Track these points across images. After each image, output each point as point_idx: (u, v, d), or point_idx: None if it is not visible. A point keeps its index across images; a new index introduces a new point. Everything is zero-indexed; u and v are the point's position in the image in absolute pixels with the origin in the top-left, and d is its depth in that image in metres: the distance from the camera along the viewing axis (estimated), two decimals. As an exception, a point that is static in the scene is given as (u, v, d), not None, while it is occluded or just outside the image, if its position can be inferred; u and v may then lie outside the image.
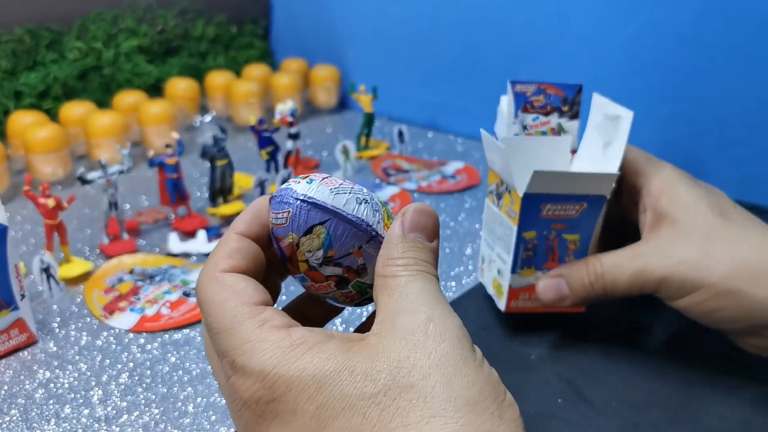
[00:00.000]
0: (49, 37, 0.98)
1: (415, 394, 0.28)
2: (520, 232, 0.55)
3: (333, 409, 0.28)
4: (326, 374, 0.28)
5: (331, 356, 0.29)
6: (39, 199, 0.64)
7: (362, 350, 0.29)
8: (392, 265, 0.32)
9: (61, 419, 0.48)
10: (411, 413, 0.27)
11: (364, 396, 0.28)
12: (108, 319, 0.59)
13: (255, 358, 0.29)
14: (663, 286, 0.48)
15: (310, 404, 0.28)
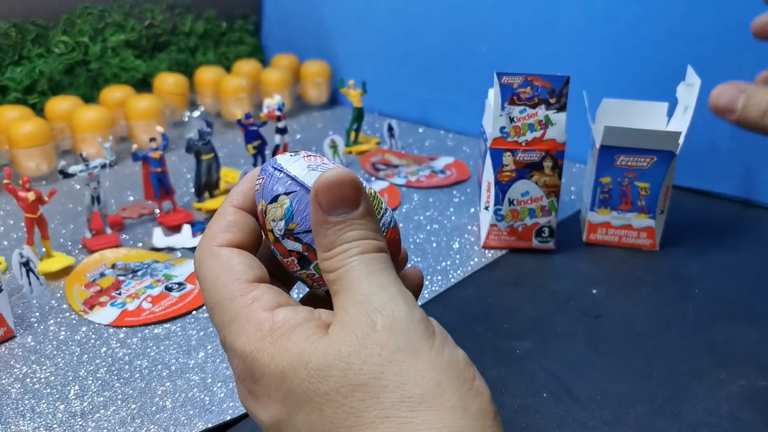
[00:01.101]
0: (35, 32, 0.97)
1: (368, 394, 0.27)
2: (597, 177, 0.67)
3: (295, 401, 0.28)
4: (287, 367, 0.28)
5: (294, 347, 0.28)
6: (19, 193, 0.63)
7: (321, 341, 0.28)
8: (328, 259, 0.30)
9: (36, 414, 0.47)
10: (365, 413, 0.27)
11: (319, 393, 0.27)
12: (88, 314, 0.58)
13: (239, 339, 0.30)
14: None
15: (278, 393, 0.29)
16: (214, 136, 0.78)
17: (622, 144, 0.65)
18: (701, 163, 0.80)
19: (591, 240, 0.70)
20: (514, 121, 0.65)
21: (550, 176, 0.66)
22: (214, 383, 0.50)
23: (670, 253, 0.69)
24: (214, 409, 0.47)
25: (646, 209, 0.67)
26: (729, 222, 0.76)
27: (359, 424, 0.27)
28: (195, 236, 0.70)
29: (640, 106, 0.72)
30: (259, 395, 0.29)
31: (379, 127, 1.04)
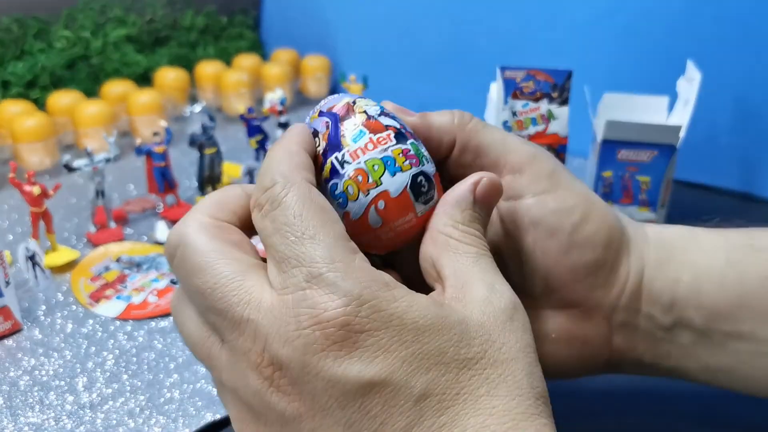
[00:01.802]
0: (37, 27, 0.97)
1: (504, 371, 0.28)
2: (599, 171, 0.68)
3: (427, 360, 0.27)
4: (427, 325, 0.27)
5: (429, 308, 0.28)
6: (24, 187, 0.63)
7: (454, 313, 0.28)
8: (459, 230, 0.31)
9: (45, 406, 0.47)
10: (500, 386, 0.28)
11: (458, 357, 0.28)
12: (94, 307, 0.58)
13: (351, 279, 0.27)
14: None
15: (404, 349, 0.27)
16: (216, 131, 0.79)
17: (624, 138, 0.66)
18: (702, 157, 0.81)
19: None
20: (516, 115, 0.65)
21: (552, 170, 0.66)
22: (222, 375, 0.51)
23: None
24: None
25: (648, 203, 0.68)
26: (729, 215, 0.76)
27: (493, 394, 0.28)
28: (199, 230, 0.70)
29: (642, 101, 0.72)
30: (365, 347, 0.27)
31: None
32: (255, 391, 0.28)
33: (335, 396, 0.27)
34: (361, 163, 0.30)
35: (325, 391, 0.27)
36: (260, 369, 0.28)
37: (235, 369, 0.29)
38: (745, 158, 0.79)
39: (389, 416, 0.27)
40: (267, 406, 0.28)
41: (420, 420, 0.27)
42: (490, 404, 0.27)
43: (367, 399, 0.27)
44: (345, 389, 0.27)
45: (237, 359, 0.28)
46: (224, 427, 0.46)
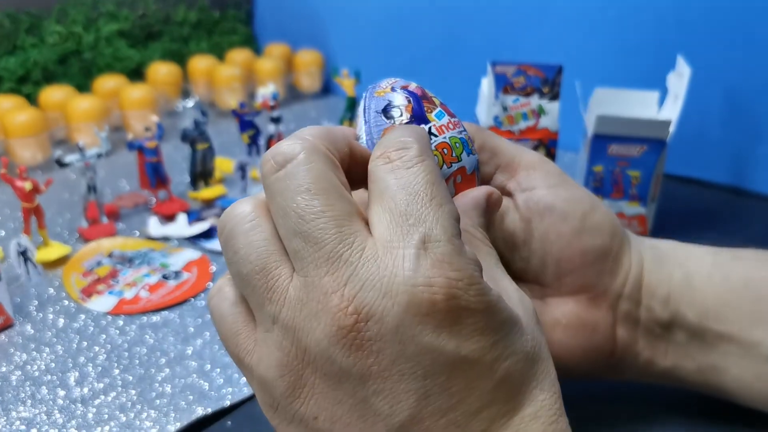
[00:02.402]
0: (29, 22, 0.97)
1: (546, 367, 0.30)
2: (590, 166, 0.68)
3: (506, 349, 0.28)
4: (506, 316, 0.28)
5: (511, 297, 0.30)
6: (16, 182, 0.63)
7: (513, 310, 0.29)
8: (480, 231, 0.33)
9: (36, 401, 0.47)
10: (545, 381, 0.30)
11: (524, 350, 0.29)
12: (86, 302, 0.59)
13: (464, 258, 0.27)
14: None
15: (494, 335, 0.28)
16: (209, 126, 0.79)
17: (614, 133, 0.66)
18: (692, 152, 0.81)
19: None
20: (507, 110, 0.65)
21: (543, 165, 0.67)
22: (213, 369, 0.51)
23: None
24: (213, 395, 0.48)
25: (638, 197, 0.68)
26: (719, 209, 0.77)
27: (541, 388, 0.30)
28: (191, 225, 0.71)
29: (632, 95, 0.72)
30: (466, 324, 0.27)
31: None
32: (319, 339, 0.27)
33: (423, 364, 0.27)
34: (446, 138, 0.33)
35: (414, 356, 0.26)
36: (339, 315, 0.26)
37: (305, 308, 0.27)
38: (736, 152, 0.79)
39: (467, 396, 0.27)
40: (327, 357, 0.27)
41: (490, 404, 0.28)
42: (540, 397, 0.29)
43: (453, 375, 0.27)
44: (437, 360, 0.27)
45: (311, 297, 0.27)
46: (215, 422, 0.46)
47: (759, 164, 0.78)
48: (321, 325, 0.26)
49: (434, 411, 0.27)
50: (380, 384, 0.27)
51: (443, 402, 0.27)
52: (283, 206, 0.28)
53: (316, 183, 0.28)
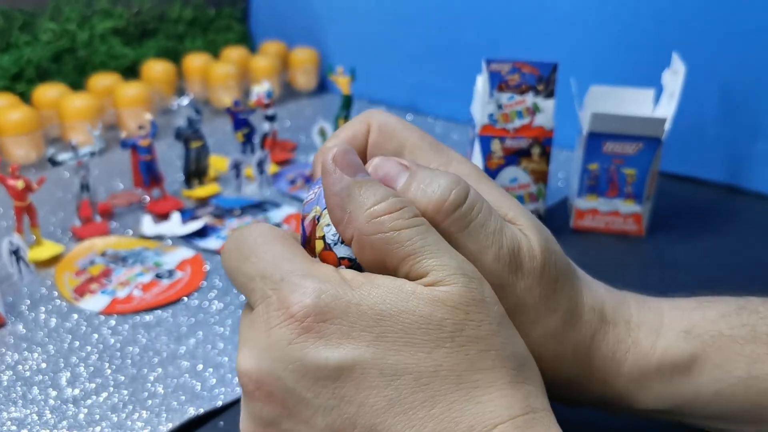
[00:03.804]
0: (22, 19, 0.97)
1: (484, 346, 0.29)
2: (585, 164, 0.68)
3: (393, 342, 0.28)
4: (387, 310, 0.29)
5: (389, 295, 0.29)
6: (8, 181, 0.63)
7: (418, 296, 0.29)
8: (378, 216, 0.30)
9: (28, 401, 0.47)
10: (481, 361, 0.29)
11: (428, 338, 0.29)
12: (78, 302, 0.58)
13: (309, 278, 0.29)
14: None
15: (367, 333, 0.29)
16: (203, 124, 0.78)
17: (610, 130, 0.66)
18: (687, 150, 0.81)
19: (578, 226, 0.71)
20: (502, 108, 0.65)
21: (538, 163, 0.66)
22: (205, 369, 0.51)
23: (656, 238, 0.69)
24: (206, 395, 0.48)
25: (633, 195, 0.68)
26: (715, 207, 0.77)
27: (475, 369, 0.29)
28: (184, 224, 0.70)
29: (628, 93, 0.72)
30: (331, 335, 0.29)
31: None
32: (243, 404, 0.32)
33: (307, 386, 0.29)
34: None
35: (297, 382, 0.29)
36: (242, 384, 0.31)
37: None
38: (731, 150, 0.79)
39: (366, 398, 0.28)
40: (253, 415, 0.31)
41: (399, 398, 0.28)
42: (472, 378, 0.29)
43: (339, 384, 0.28)
44: (316, 377, 0.29)
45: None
46: (207, 422, 0.46)
47: (755, 162, 0.78)
48: (243, 400, 0.33)
49: (344, 423, 0.29)
50: (290, 421, 0.30)
51: (347, 410, 0.29)
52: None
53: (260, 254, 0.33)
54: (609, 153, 0.67)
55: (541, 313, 0.34)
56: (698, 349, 0.37)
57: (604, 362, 0.37)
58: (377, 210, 0.30)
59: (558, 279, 0.35)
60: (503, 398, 0.29)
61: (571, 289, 0.36)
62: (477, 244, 0.32)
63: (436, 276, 0.29)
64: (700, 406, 0.37)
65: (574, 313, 0.36)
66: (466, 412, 0.28)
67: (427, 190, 0.32)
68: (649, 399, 0.37)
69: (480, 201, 0.32)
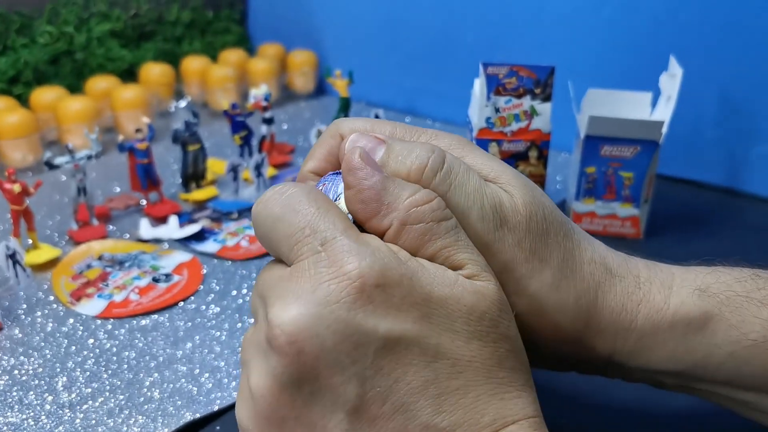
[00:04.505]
0: (20, 22, 0.97)
1: (511, 346, 0.31)
2: (582, 167, 0.67)
3: (437, 325, 0.29)
4: (436, 290, 0.29)
5: (436, 276, 0.30)
6: (4, 185, 0.62)
7: (467, 287, 0.30)
8: (422, 204, 0.31)
9: (24, 406, 0.47)
10: (508, 360, 0.30)
11: (468, 328, 0.29)
12: (75, 306, 0.58)
13: (363, 243, 0.29)
14: None
15: (415, 310, 0.29)
16: (201, 127, 0.78)
17: (607, 134, 0.66)
18: (685, 153, 0.81)
19: None
20: (499, 111, 0.65)
21: (536, 166, 0.66)
22: (202, 374, 0.50)
23: (654, 241, 0.69)
24: (202, 400, 0.48)
25: (631, 198, 0.68)
26: (713, 210, 0.77)
27: (502, 366, 0.30)
28: (182, 227, 0.70)
29: (625, 96, 0.72)
30: (381, 302, 0.28)
31: (365, 116, 1.04)
32: (261, 360, 0.30)
33: (347, 350, 0.28)
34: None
35: (337, 344, 0.28)
36: (273, 337, 0.28)
37: (250, 345, 0.31)
38: (729, 153, 0.79)
39: (403, 374, 0.28)
40: (273, 372, 0.29)
41: (436, 381, 0.29)
42: (499, 375, 0.30)
43: (381, 354, 0.28)
44: (358, 342, 0.28)
45: (253, 332, 0.31)
46: (203, 427, 0.46)
47: (752, 165, 0.78)
48: (263, 354, 0.30)
49: (375, 396, 0.28)
50: (324, 381, 0.28)
51: (382, 382, 0.28)
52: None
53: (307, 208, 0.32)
54: (606, 156, 0.67)
55: (535, 266, 0.34)
56: (713, 308, 0.36)
57: (612, 315, 0.36)
58: (416, 199, 0.31)
59: (549, 231, 0.35)
60: (520, 399, 0.30)
61: (565, 240, 0.36)
62: (459, 206, 0.32)
63: (472, 269, 0.31)
64: (713, 368, 0.36)
65: (572, 264, 0.35)
66: (490, 405, 0.29)
67: (406, 160, 0.33)
68: (662, 357, 0.36)
69: (457, 164, 0.33)
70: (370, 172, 0.31)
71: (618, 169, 0.67)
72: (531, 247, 0.34)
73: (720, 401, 0.39)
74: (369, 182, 0.31)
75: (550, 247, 0.35)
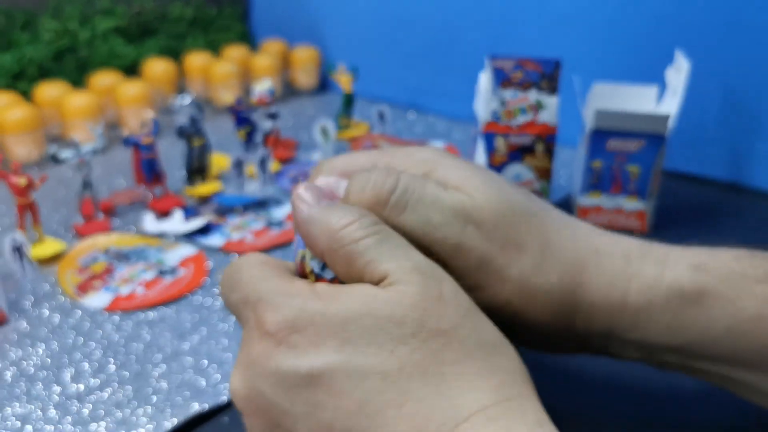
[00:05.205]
0: (24, 18, 0.97)
1: (447, 339, 0.30)
2: (588, 161, 0.67)
3: (358, 345, 0.30)
4: (351, 314, 0.30)
5: (351, 299, 0.31)
6: (10, 178, 0.63)
7: (385, 295, 0.30)
8: (343, 228, 0.33)
9: (32, 397, 0.47)
10: (445, 353, 0.30)
11: (391, 336, 0.30)
12: (82, 299, 0.58)
13: (282, 295, 0.31)
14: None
15: (333, 339, 0.30)
16: (205, 122, 0.78)
17: (613, 127, 0.66)
18: (691, 147, 0.81)
19: None
20: (505, 104, 0.65)
21: (542, 160, 0.66)
22: (209, 365, 0.50)
23: (659, 236, 0.69)
24: (210, 391, 0.48)
25: (637, 192, 0.68)
26: (718, 205, 0.77)
27: (440, 362, 0.29)
28: (187, 221, 0.70)
29: (631, 90, 0.72)
30: (299, 345, 0.30)
31: (369, 112, 1.04)
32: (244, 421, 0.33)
33: (284, 395, 0.30)
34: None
35: (275, 394, 0.30)
36: (234, 403, 0.33)
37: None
38: (735, 148, 0.79)
39: (338, 402, 0.29)
40: (251, 430, 0.33)
41: (368, 400, 0.29)
42: (439, 372, 0.29)
43: (311, 391, 0.30)
44: (289, 385, 0.30)
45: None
46: (211, 418, 0.46)
47: (758, 160, 0.78)
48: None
49: (322, 428, 0.30)
50: (280, 427, 0.31)
51: (322, 416, 0.30)
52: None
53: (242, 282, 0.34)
54: (612, 150, 0.67)
55: (512, 255, 0.36)
56: (709, 284, 0.36)
57: (601, 291, 0.37)
58: (335, 226, 0.32)
59: (520, 221, 0.36)
60: (472, 391, 0.29)
61: (539, 225, 0.37)
62: (420, 218, 0.35)
63: (394, 277, 0.31)
64: (710, 343, 0.36)
65: (552, 247, 0.36)
66: (435, 408, 0.29)
67: (365, 189, 0.35)
68: (658, 331, 0.37)
69: (412, 182, 0.35)
70: (302, 207, 0.34)
71: (624, 163, 0.67)
72: (504, 237, 0.36)
73: (719, 382, 0.39)
74: (300, 218, 0.34)
75: (525, 235, 0.36)
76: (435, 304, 0.30)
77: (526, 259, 0.36)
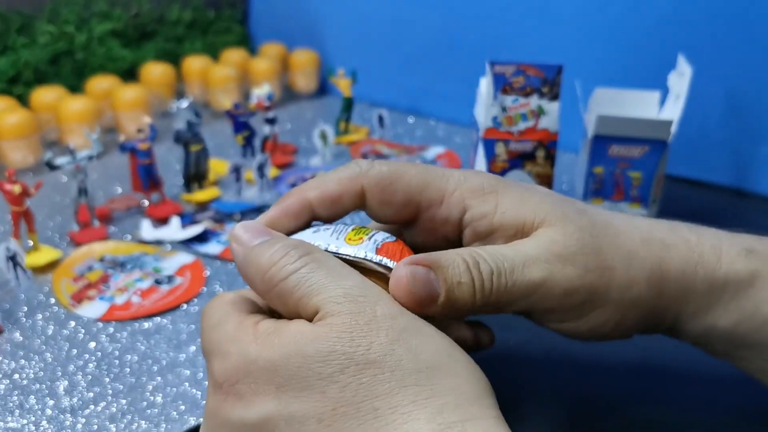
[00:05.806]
0: (20, 21, 0.96)
1: (380, 369, 0.29)
2: (590, 167, 0.67)
3: (291, 389, 0.29)
4: (280, 358, 0.29)
5: (284, 340, 0.30)
6: (5, 185, 0.62)
7: (314, 331, 0.30)
8: (273, 266, 0.33)
9: (25, 410, 0.46)
10: (377, 386, 0.28)
11: (321, 376, 0.29)
12: (76, 308, 0.57)
13: (228, 343, 0.32)
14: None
15: (269, 386, 0.30)
16: (203, 127, 0.77)
17: (615, 133, 0.65)
18: (694, 153, 0.80)
19: None
20: (506, 110, 0.64)
21: (543, 166, 0.65)
22: (206, 378, 0.49)
23: (662, 242, 0.68)
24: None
25: (639, 199, 0.67)
26: (721, 211, 0.76)
27: (373, 396, 0.28)
28: (184, 228, 0.69)
29: (633, 96, 0.71)
30: (244, 394, 0.30)
31: (368, 116, 1.03)
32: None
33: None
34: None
35: (243, 426, 0.30)
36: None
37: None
38: (738, 153, 0.78)
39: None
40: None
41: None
42: (372, 407, 0.28)
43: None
44: (249, 428, 0.30)
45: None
46: (208, 432, 0.45)
47: (761, 165, 0.77)
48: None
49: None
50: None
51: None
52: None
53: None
54: (615, 156, 0.66)
55: (607, 277, 0.36)
56: (760, 267, 0.38)
57: (677, 281, 0.37)
58: (264, 267, 0.32)
59: (602, 243, 0.36)
60: (408, 422, 0.28)
61: (614, 237, 0.37)
62: (521, 287, 0.35)
63: (324, 310, 0.30)
64: (758, 324, 0.37)
65: (631, 256, 0.37)
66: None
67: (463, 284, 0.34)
68: (716, 315, 0.38)
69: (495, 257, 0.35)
70: (236, 251, 0.34)
71: (626, 169, 0.66)
72: (595, 263, 0.36)
73: (763, 375, 0.39)
74: (236, 262, 0.34)
75: (610, 253, 0.36)
76: (364, 330, 0.29)
77: (620, 277, 0.36)
